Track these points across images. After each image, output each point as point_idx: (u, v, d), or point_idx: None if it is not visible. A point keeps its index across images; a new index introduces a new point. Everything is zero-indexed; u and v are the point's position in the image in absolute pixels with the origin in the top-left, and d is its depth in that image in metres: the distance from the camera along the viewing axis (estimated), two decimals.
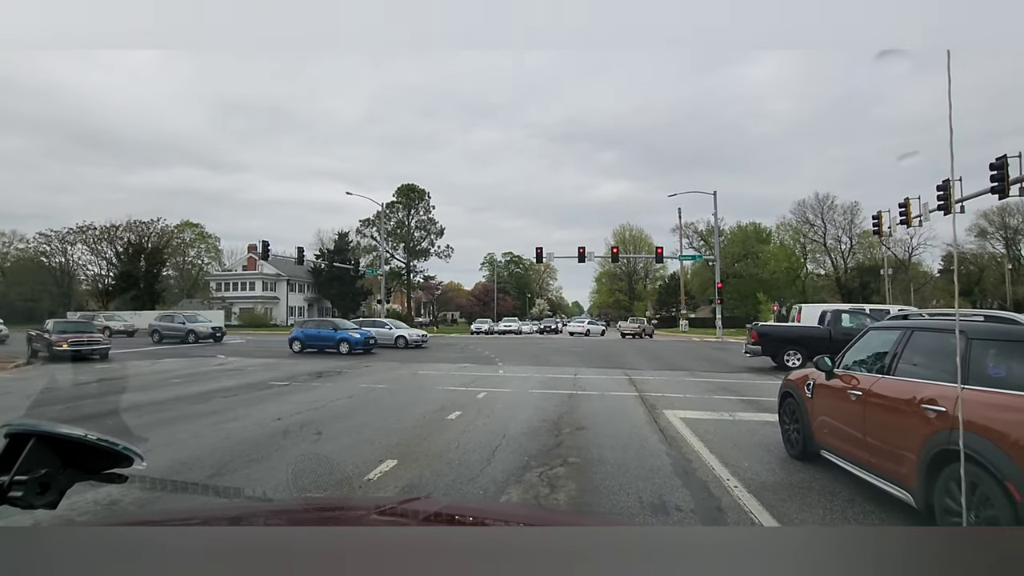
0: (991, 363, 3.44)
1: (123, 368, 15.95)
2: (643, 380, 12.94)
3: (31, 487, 0.94)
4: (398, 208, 63.60)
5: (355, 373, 14.22)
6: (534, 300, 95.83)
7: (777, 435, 6.25)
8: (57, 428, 0.98)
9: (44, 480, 0.96)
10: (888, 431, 4.09)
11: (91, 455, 1.03)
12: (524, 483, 4.92)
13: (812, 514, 4.17)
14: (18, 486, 0.93)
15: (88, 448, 1.01)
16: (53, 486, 0.96)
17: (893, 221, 28.19)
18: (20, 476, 0.94)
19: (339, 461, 5.57)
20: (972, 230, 57.60)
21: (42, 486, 0.95)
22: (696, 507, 4.30)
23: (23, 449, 0.95)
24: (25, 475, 0.94)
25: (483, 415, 8.25)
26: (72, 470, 1.00)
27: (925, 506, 3.56)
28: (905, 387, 3.99)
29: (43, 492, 0.95)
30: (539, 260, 42.38)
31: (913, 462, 3.66)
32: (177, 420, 7.73)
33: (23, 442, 0.96)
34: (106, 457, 1.04)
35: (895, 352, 4.33)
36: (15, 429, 0.97)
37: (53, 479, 0.97)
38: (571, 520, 1.96)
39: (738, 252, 62.02)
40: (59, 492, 0.98)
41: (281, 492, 4.68)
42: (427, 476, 5.11)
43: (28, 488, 0.94)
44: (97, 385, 12.01)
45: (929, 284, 58.50)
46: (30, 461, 0.95)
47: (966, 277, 57.89)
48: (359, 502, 3.12)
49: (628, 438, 6.70)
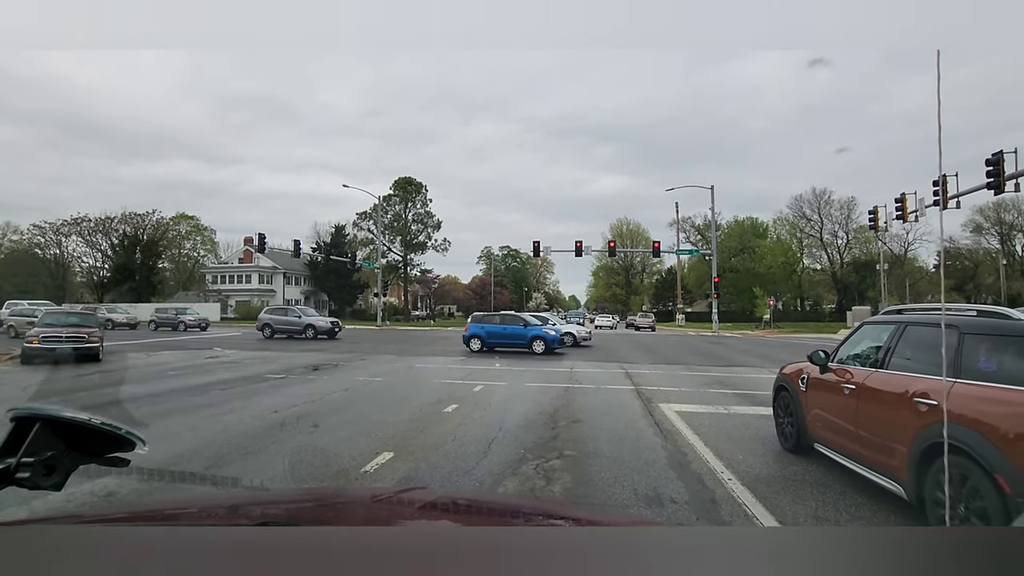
0: (983, 357, 3.47)
1: (121, 367, 13.92)
2: (639, 374, 12.99)
3: (37, 469, 0.97)
4: (395, 201, 63.32)
5: (351, 366, 14.23)
6: (531, 294, 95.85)
7: (771, 428, 6.30)
8: (62, 412, 1.01)
9: (50, 462, 0.98)
10: (880, 424, 4.13)
11: (95, 439, 1.05)
12: (520, 475, 4.95)
13: (805, 506, 4.21)
14: (25, 468, 0.96)
15: (92, 432, 1.04)
16: (58, 468, 0.99)
17: (889, 216, 28.31)
18: (26, 458, 0.96)
19: (335, 453, 5.58)
20: (968, 226, 57.88)
21: (48, 468, 0.98)
22: (690, 499, 4.34)
23: (29, 432, 0.98)
24: (31, 457, 0.97)
25: (479, 408, 8.27)
26: (76, 453, 1.02)
27: (916, 498, 3.60)
28: (898, 381, 4.03)
29: (49, 474, 0.98)
30: (536, 254, 42.36)
31: (904, 455, 3.70)
32: (174, 412, 7.73)
33: (29, 425, 0.99)
34: (109, 441, 1.07)
35: (888, 346, 4.37)
36: (21, 413, 1.00)
37: (58, 461, 0.99)
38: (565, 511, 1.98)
39: (735, 247, 62.11)
40: (64, 474, 1.00)
41: (278, 483, 4.70)
42: (423, 468, 5.13)
43: (35, 470, 0.96)
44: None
45: (924, 279, 58.72)
46: (36, 444, 0.97)
47: (961, 272, 58.17)
48: (356, 492, 3.14)
49: (624, 431, 6.74)
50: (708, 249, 46.38)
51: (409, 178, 63.97)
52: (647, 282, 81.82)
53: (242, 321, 45.80)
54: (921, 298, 51.17)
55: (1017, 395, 3.12)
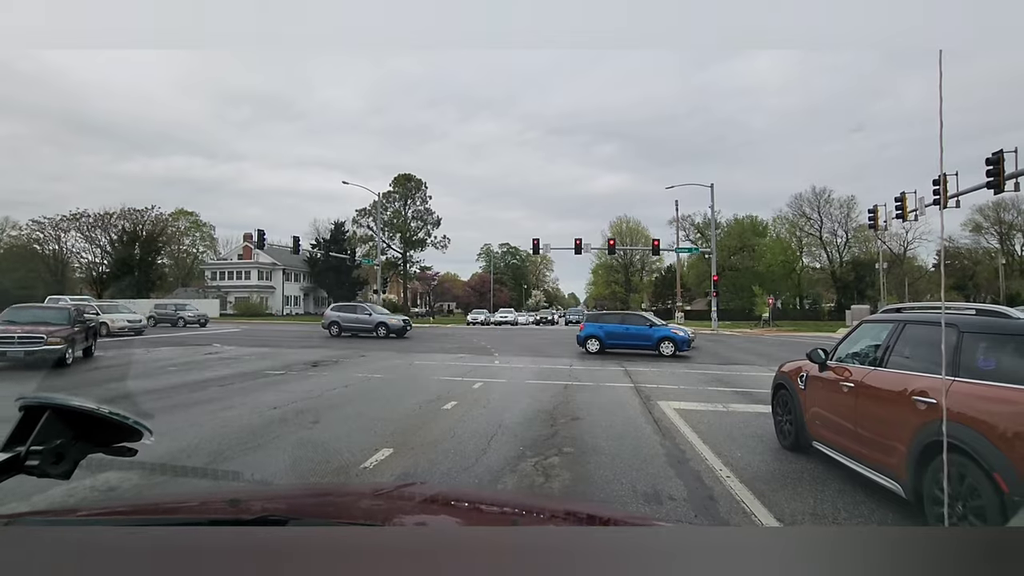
0: (981, 356, 3.48)
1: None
2: (638, 371, 13.00)
3: (47, 457, 0.98)
4: (395, 198, 63.30)
5: (351, 363, 14.24)
6: (531, 291, 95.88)
7: (770, 426, 6.31)
8: (70, 401, 1.02)
9: (59, 451, 0.99)
10: (879, 423, 4.14)
11: (102, 429, 1.06)
12: (519, 472, 4.96)
13: (803, 503, 4.22)
14: (34, 456, 0.97)
15: (99, 421, 1.05)
16: (67, 457, 1.00)
17: (889, 215, 28.28)
18: (36, 447, 0.97)
19: (335, 450, 5.60)
20: (967, 225, 57.93)
21: (57, 456, 0.99)
22: (689, 496, 4.35)
23: (38, 421, 0.99)
24: (40, 446, 0.97)
25: (479, 405, 8.28)
26: (84, 442, 1.03)
27: (915, 497, 3.61)
28: (896, 379, 4.04)
29: (57, 462, 0.99)
30: (536, 251, 42.27)
31: (903, 453, 3.71)
32: (176, 408, 7.74)
33: (38, 414, 0.99)
34: (117, 431, 1.08)
35: (887, 345, 4.37)
36: (30, 402, 1.01)
37: (67, 450, 1.00)
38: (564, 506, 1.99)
39: (735, 245, 62.08)
40: (72, 463, 1.01)
41: (279, 479, 4.71)
42: (423, 465, 5.15)
43: (44, 458, 0.97)
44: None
45: (924, 278, 58.74)
46: (45, 433, 0.98)
47: (960, 272, 58.20)
48: (356, 487, 3.15)
49: (622, 428, 6.75)
50: (708, 247, 46.33)
51: (409, 175, 63.97)
52: (647, 280, 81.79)
53: (241, 318, 45.80)
54: (920, 297, 51.21)
55: (1016, 393, 3.13)
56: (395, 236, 63.79)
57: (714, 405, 8.52)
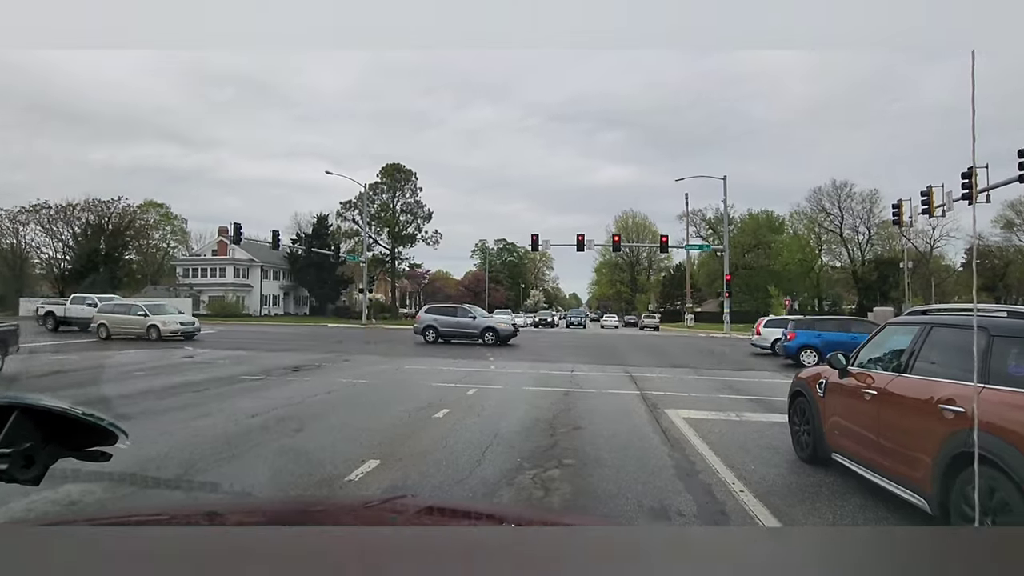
0: (1013, 361, 3.50)
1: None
2: (645, 378, 13.03)
3: (16, 460, 0.96)
4: (382, 189, 63.18)
5: (334, 367, 14.23)
6: (529, 291, 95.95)
7: (786, 437, 6.33)
8: (40, 400, 1.00)
9: (28, 453, 0.97)
10: (904, 433, 4.16)
11: (74, 431, 1.04)
12: (516, 485, 4.97)
13: (821, 519, 4.25)
14: (2, 459, 0.95)
15: (71, 423, 1.03)
16: (38, 461, 0.98)
17: (915, 211, 28.43)
18: (3, 449, 0.95)
19: (318, 461, 5.59)
20: (998, 222, 57.99)
21: (27, 459, 0.97)
22: (699, 512, 4.37)
23: (5, 422, 0.97)
24: (8, 448, 0.96)
25: (473, 413, 8.29)
26: (55, 445, 1.02)
27: (941, 512, 3.63)
28: (922, 386, 4.06)
29: (28, 466, 0.97)
30: (535, 248, 42.36)
31: (929, 465, 3.72)
32: (144, 415, 7.71)
33: (5, 415, 0.98)
34: (89, 433, 1.06)
35: (912, 350, 4.39)
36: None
37: (37, 453, 0.98)
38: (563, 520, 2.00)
39: (749, 242, 62.33)
40: (43, 467, 1.00)
41: (258, 493, 4.70)
42: (413, 477, 5.15)
43: (13, 461, 0.96)
44: None
45: (951, 278, 59.03)
46: (13, 434, 0.97)
47: (990, 271, 58.42)
48: (342, 499, 3.15)
49: (627, 439, 6.77)
50: (720, 244, 46.49)
51: (398, 164, 63.86)
52: (654, 279, 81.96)
53: (216, 318, 45.63)
54: (947, 299, 51.38)
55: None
56: (382, 231, 63.72)
57: (726, 414, 8.55)
